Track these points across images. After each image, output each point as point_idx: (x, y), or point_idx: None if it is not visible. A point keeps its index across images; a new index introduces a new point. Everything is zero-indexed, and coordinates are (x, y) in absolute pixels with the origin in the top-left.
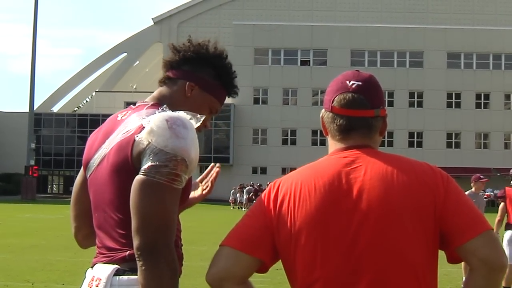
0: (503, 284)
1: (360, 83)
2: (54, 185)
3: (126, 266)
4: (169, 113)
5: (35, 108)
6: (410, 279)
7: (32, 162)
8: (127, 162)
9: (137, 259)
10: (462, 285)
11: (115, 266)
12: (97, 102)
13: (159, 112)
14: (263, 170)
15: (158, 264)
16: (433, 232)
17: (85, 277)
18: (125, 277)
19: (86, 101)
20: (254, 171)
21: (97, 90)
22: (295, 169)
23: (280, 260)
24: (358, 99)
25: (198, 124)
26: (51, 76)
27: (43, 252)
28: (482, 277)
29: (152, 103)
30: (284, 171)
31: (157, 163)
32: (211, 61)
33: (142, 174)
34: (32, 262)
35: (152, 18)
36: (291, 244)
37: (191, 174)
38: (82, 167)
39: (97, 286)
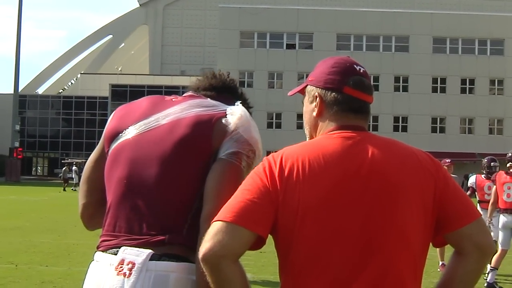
0: (492, 264)
1: (364, 69)
2: (39, 167)
3: (161, 251)
4: (241, 107)
5: (20, 90)
6: (410, 262)
7: (17, 144)
8: (204, 139)
9: None
10: (443, 269)
11: (150, 251)
12: (82, 84)
13: (237, 105)
14: None
15: None
16: (430, 216)
17: (93, 260)
18: (163, 262)
19: (71, 83)
20: None
21: (82, 72)
22: None
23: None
24: (369, 85)
25: None
26: (36, 58)
27: (27, 234)
28: (474, 261)
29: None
30: (268, 154)
31: (242, 151)
32: (238, 95)
33: (231, 159)
34: (16, 244)
35: (137, 1)
36: (297, 220)
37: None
38: (102, 142)
39: (131, 270)
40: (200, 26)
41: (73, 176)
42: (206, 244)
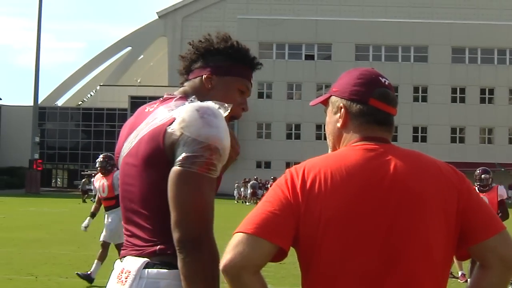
0: None
1: (388, 81)
2: (58, 179)
3: (155, 260)
4: (199, 103)
5: (39, 102)
6: (432, 274)
7: (37, 156)
8: (159, 152)
9: (179, 251)
10: (472, 281)
11: (145, 260)
12: (101, 96)
13: (188, 103)
14: (267, 165)
15: (203, 255)
16: (454, 228)
17: (113, 269)
18: (154, 270)
19: (91, 95)
20: (259, 165)
21: (101, 84)
22: (299, 163)
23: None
24: (395, 98)
25: (227, 112)
26: (55, 70)
27: (47, 245)
28: (498, 274)
29: (180, 96)
30: (288, 165)
31: (192, 153)
32: (217, 48)
33: (178, 166)
34: (36, 255)
35: (156, 12)
36: (319, 232)
37: (224, 163)
38: None
39: (127, 278)
40: None
41: (92, 187)
42: (227, 256)
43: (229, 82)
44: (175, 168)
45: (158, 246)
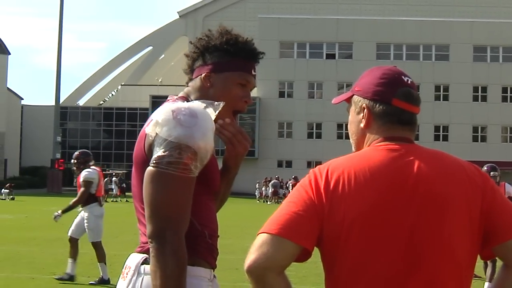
0: None
1: (411, 80)
2: None
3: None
4: (177, 104)
5: (61, 102)
6: (456, 276)
7: (58, 155)
8: (142, 155)
9: (149, 246)
10: (496, 280)
11: (144, 256)
12: (122, 95)
13: (167, 104)
14: (289, 164)
15: (165, 252)
16: (478, 229)
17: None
18: (149, 265)
19: (112, 94)
20: (280, 164)
21: (122, 84)
22: (320, 162)
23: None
24: (418, 96)
25: (217, 110)
26: (77, 70)
27: (69, 245)
28: None
29: (179, 96)
30: (309, 164)
31: (163, 153)
32: (214, 45)
33: (151, 165)
34: (58, 255)
35: (177, 12)
36: (343, 233)
37: (205, 161)
38: None
39: (127, 274)
40: None
41: (113, 187)
42: (251, 256)
43: (228, 78)
44: (148, 168)
45: None
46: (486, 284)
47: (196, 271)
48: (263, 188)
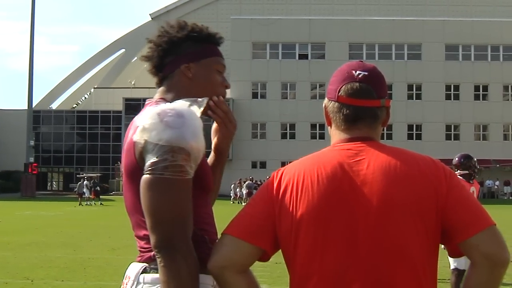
0: None
1: (366, 73)
2: (54, 182)
3: (152, 265)
4: (161, 106)
5: (33, 105)
6: (409, 274)
7: (32, 160)
8: (134, 164)
9: (156, 256)
10: (464, 279)
11: (144, 265)
12: (96, 98)
13: (150, 108)
14: (263, 165)
15: (175, 259)
16: (434, 227)
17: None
18: (150, 275)
19: (85, 97)
20: (254, 165)
21: (95, 87)
22: None
23: (280, 251)
24: (366, 89)
25: (202, 107)
26: (49, 73)
27: (43, 249)
28: (485, 272)
29: (156, 99)
30: (283, 165)
31: (156, 158)
32: (180, 37)
33: (145, 173)
34: (32, 259)
35: (149, 14)
36: (292, 234)
37: (198, 160)
38: None
39: (127, 283)
40: None
41: (85, 190)
42: (211, 256)
43: (207, 65)
44: (143, 176)
45: (153, 252)
46: None
47: (200, 278)
48: (238, 189)
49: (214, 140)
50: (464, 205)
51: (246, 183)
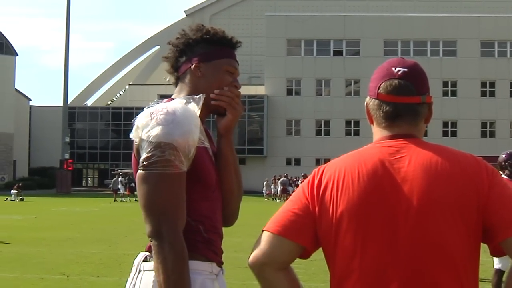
0: None
1: (406, 69)
2: (89, 179)
3: (152, 254)
4: (155, 106)
5: (69, 102)
6: (449, 273)
7: (67, 156)
8: (135, 161)
9: (151, 244)
10: (505, 279)
11: (146, 253)
12: (130, 95)
13: (147, 108)
14: (297, 161)
15: (164, 248)
16: (475, 225)
17: None
18: (148, 263)
19: (120, 94)
20: (288, 162)
21: (130, 83)
22: (329, 160)
23: (318, 249)
24: (405, 86)
25: (200, 103)
26: (84, 70)
27: (78, 245)
28: None
29: (168, 99)
30: (318, 162)
31: (146, 154)
32: (195, 39)
33: (139, 169)
34: (67, 255)
35: (184, 11)
36: (332, 231)
37: (190, 155)
38: None
39: (132, 271)
40: (247, 35)
41: (120, 187)
42: (253, 253)
43: (217, 65)
44: (137, 172)
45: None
46: None
47: (193, 265)
48: (272, 186)
49: (218, 124)
50: (506, 203)
51: (281, 180)
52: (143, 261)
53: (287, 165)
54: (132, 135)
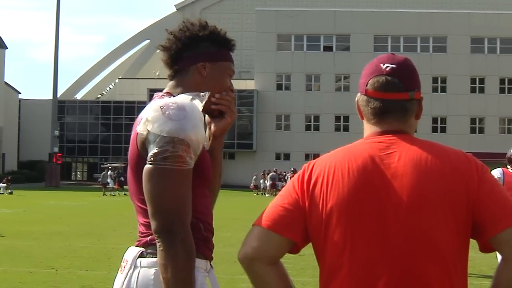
0: None
1: (394, 66)
2: (78, 172)
3: (149, 250)
4: (164, 100)
5: (58, 96)
6: (439, 268)
7: (56, 149)
8: (137, 155)
9: (156, 241)
10: (494, 274)
11: (141, 249)
12: (120, 89)
13: (154, 101)
14: (287, 156)
15: (174, 244)
16: (464, 221)
17: None
18: (147, 259)
19: (109, 88)
20: (278, 157)
21: (120, 77)
22: (318, 155)
23: (307, 245)
24: (392, 82)
25: (204, 101)
26: (74, 64)
27: (67, 238)
28: None
29: (164, 93)
30: (307, 157)
31: (158, 149)
32: (201, 35)
33: (148, 163)
34: (56, 248)
35: (174, 5)
36: (322, 226)
37: (198, 152)
38: None
39: (124, 267)
40: (237, 30)
41: (109, 180)
42: (241, 248)
43: (221, 67)
44: (146, 166)
45: (149, 237)
46: None
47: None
48: (261, 181)
49: (216, 126)
50: (495, 199)
51: (270, 174)
52: (139, 257)
53: (276, 160)
54: (139, 128)
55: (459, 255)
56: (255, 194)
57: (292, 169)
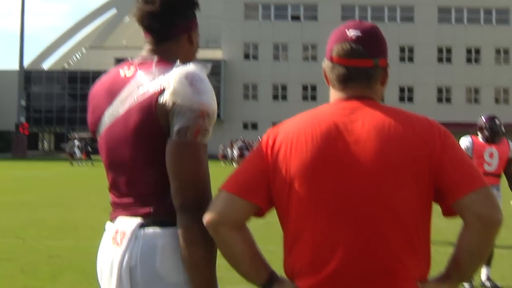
0: None
1: (359, 33)
2: (45, 142)
3: (150, 220)
4: (186, 69)
5: (25, 66)
6: (401, 234)
7: (23, 120)
8: (153, 123)
9: (180, 216)
10: (457, 239)
11: (139, 220)
12: (87, 58)
13: (175, 69)
14: (254, 126)
15: (202, 219)
16: (427, 186)
17: (105, 230)
18: (150, 229)
19: (76, 58)
20: (245, 126)
21: (87, 47)
22: None
23: (273, 211)
24: (356, 49)
25: (208, 72)
26: (40, 33)
27: (34, 209)
28: (476, 232)
29: (158, 59)
30: (274, 126)
31: (187, 123)
32: (192, 2)
33: (175, 137)
34: (23, 218)
35: None
36: (285, 191)
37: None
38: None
39: (122, 239)
40: None
41: (76, 151)
42: (207, 212)
43: (197, 36)
44: (174, 140)
45: (152, 206)
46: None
47: None
48: (229, 150)
49: None
50: (457, 165)
51: (238, 144)
52: (140, 228)
53: (244, 129)
54: (165, 98)
55: (422, 221)
56: (223, 164)
57: (259, 138)
